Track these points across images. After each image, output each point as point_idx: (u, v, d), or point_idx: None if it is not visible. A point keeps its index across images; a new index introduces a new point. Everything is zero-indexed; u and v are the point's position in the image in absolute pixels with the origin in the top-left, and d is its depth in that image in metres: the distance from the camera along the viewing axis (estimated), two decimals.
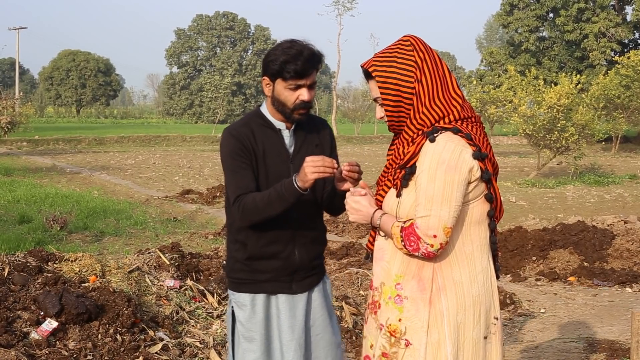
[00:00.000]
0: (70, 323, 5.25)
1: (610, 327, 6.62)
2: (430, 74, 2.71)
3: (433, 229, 2.59)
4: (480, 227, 2.75)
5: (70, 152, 33.07)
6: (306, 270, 3.29)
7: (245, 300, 3.26)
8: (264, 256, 3.22)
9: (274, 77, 3.10)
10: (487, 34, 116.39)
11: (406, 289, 2.73)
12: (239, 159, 3.13)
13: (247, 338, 3.25)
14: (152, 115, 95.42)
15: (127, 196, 16.72)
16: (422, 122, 2.70)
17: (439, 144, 2.62)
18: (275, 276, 3.24)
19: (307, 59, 3.06)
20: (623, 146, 36.72)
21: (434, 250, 2.62)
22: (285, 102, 3.11)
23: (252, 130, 3.19)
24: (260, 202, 3.05)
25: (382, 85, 2.75)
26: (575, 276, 8.74)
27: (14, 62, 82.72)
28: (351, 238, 11.08)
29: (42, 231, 11.00)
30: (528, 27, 48.77)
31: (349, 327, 6.15)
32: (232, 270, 3.33)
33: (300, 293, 3.28)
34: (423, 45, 2.75)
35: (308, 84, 3.10)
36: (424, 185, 2.62)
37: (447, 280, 2.70)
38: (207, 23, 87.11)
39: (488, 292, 2.76)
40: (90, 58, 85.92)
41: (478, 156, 2.64)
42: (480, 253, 2.75)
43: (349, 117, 56.92)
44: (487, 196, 2.73)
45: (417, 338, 2.69)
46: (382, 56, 2.77)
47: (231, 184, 3.15)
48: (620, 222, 10.67)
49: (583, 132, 22.18)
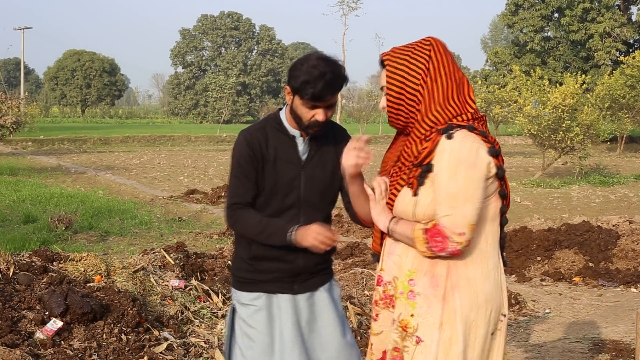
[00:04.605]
0: (75, 323, 5.25)
1: (615, 327, 6.61)
2: (446, 75, 2.73)
3: (460, 226, 2.60)
4: (493, 224, 2.77)
5: (75, 152, 33.13)
6: (310, 273, 3.29)
7: (248, 299, 3.28)
8: (268, 258, 3.23)
9: (294, 91, 3.09)
10: (492, 33, 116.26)
11: (419, 285, 2.72)
12: (246, 166, 3.17)
13: (247, 335, 3.26)
14: (157, 115, 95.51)
15: (132, 196, 16.73)
16: (435, 119, 2.70)
17: (456, 141, 2.62)
18: (278, 277, 3.25)
19: (328, 84, 3.01)
20: (628, 146, 36.67)
21: (462, 248, 2.63)
22: (301, 117, 3.12)
23: (267, 134, 3.21)
24: (252, 228, 3.16)
25: (389, 75, 2.78)
26: (580, 276, 8.73)
27: (19, 62, 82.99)
28: (356, 238, 11.08)
29: (47, 231, 11.03)
30: (533, 27, 48.69)
31: (353, 327, 6.14)
32: (237, 269, 3.35)
33: (302, 293, 3.28)
34: (443, 48, 2.77)
35: (326, 105, 3.09)
36: (445, 184, 2.61)
37: (461, 277, 2.70)
38: (212, 23, 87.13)
39: (499, 289, 2.77)
40: (95, 58, 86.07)
41: (493, 153, 2.67)
42: (492, 249, 2.77)
43: (353, 117, 56.81)
44: (500, 192, 2.75)
45: (428, 335, 2.69)
46: (399, 49, 2.81)
47: (231, 189, 3.25)
48: (625, 223, 10.66)
49: (588, 132, 22.17)
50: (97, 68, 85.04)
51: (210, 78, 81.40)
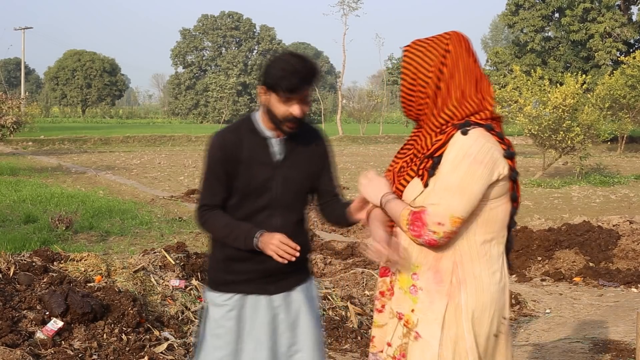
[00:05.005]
0: (75, 323, 5.26)
1: (615, 327, 6.61)
2: (464, 71, 2.70)
3: (439, 216, 2.57)
4: (502, 226, 2.75)
5: (76, 152, 33.13)
6: (284, 273, 3.28)
7: (221, 300, 3.28)
8: (241, 259, 3.24)
9: (268, 89, 3.15)
10: (492, 33, 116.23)
11: (422, 279, 2.70)
12: (217, 169, 3.22)
13: (216, 335, 3.26)
14: (158, 115, 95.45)
15: (133, 196, 16.73)
16: (452, 114, 2.69)
17: (471, 138, 2.61)
18: (252, 278, 3.26)
19: (302, 77, 3.09)
20: (629, 146, 36.64)
21: (437, 239, 2.59)
22: (276, 114, 3.15)
23: (241, 136, 3.24)
24: (219, 231, 3.24)
25: (404, 65, 2.78)
26: (580, 276, 8.73)
27: (19, 62, 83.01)
28: (356, 238, 11.08)
29: (47, 231, 11.02)
30: (533, 27, 48.66)
31: (354, 327, 6.14)
32: (212, 269, 3.38)
33: (277, 293, 3.29)
34: (465, 43, 2.75)
35: (301, 98, 3.14)
36: (444, 175, 2.60)
37: (467, 274, 2.67)
38: (213, 23, 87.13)
39: (502, 291, 2.76)
40: (95, 58, 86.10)
41: (508, 155, 2.67)
42: (497, 251, 2.75)
43: (354, 117, 56.84)
44: (512, 195, 2.74)
45: (428, 331, 2.66)
46: (419, 41, 2.80)
47: (202, 190, 3.30)
48: (625, 223, 10.65)
49: (588, 132, 22.16)
50: (98, 68, 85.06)
51: (210, 78, 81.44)
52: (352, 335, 6.02)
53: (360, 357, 5.64)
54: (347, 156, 30.85)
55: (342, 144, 42.05)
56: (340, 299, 6.57)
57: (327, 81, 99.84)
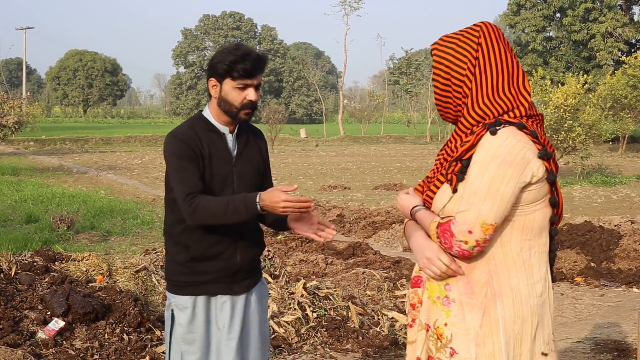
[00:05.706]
0: (77, 322, 5.26)
1: (617, 327, 6.61)
2: (496, 64, 2.52)
3: (468, 224, 2.38)
4: (541, 233, 2.53)
5: (77, 152, 33.16)
6: (246, 272, 3.31)
7: (187, 303, 3.25)
8: (207, 257, 3.23)
9: (221, 78, 3.15)
10: None
11: (454, 290, 2.51)
12: (186, 159, 3.13)
13: (187, 340, 3.24)
14: (159, 115, 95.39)
15: (134, 196, 16.74)
16: (483, 113, 2.50)
17: (500, 138, 2.42)
18: (217, 277, 3.24)
19: (255, 59, 3.13)
20: (630, 146, 36.60)
21: (468, 248, 2.41)
22: (232, 102, 3.16)
23: (198, 134, 3.20)
24: (216, 209, 3.06)
25: (435, 65, 2.59)
26: (582, 276, 8.72)
27: (21, 62, 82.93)
28: (357, 238, 11.07)
29: (49, 231, 11.03)
30: (535, 27, 48.65)
31: (355, 327, 6.14)
32: (173, 273, 3.32)
33: (240, 294, 3.29)
34: (495, 34, 2.55)
35: (255, 84, 3.17)
36: (472, 179, 2.42)
37: (503, 286, 2.47)
38: (214, 23, 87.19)
39: (545, 304, 2.53)
40: (97, 58, 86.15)
41: (544, 155, 2.44)
42: (538, 261, 2.52)
43: (355, 117, 56.87)
44: (551, 200, 2.52)
45: (464, 348, 2.47)
46: (448, 37, 2.61)
47: (179, 182, 3.13)
48: (627, 223, 10.63)
49: (590, 132, 22.15)
50: (99, 68, 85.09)
51: None
52: (354, 335, 6.02)
53: (362, 357, 5.64)
54: (349, 156, 30.84)
55: (344, 144, 42.05)
56: (341, 299, 6.57)
57: (329, 81, 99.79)
